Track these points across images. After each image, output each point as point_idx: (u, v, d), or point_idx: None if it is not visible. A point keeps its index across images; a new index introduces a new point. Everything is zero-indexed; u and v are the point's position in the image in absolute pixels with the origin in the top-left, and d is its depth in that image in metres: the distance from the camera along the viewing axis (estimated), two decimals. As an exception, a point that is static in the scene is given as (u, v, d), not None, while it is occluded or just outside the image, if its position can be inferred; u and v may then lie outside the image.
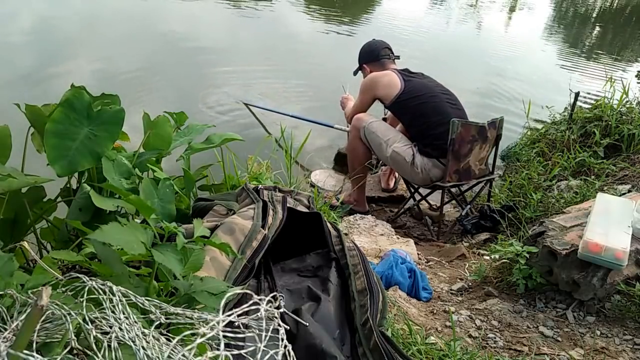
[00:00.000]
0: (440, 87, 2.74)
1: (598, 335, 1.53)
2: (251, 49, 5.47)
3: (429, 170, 2.59)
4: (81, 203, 1.25)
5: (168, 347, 0.63)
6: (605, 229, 1.64)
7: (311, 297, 1.11)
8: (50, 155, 1.17)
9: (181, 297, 0.86)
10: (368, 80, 2.79)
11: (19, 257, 1.18)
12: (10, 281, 0.77)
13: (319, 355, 0.91)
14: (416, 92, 2.64)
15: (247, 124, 3.83)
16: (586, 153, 3.03)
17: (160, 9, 6.44)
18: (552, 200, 2.51)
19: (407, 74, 2.75)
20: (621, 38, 10.12)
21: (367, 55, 2.92)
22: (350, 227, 2.45)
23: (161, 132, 1.51)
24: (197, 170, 1.80)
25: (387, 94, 2.68)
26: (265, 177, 2.15)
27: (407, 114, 2.69)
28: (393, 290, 1.70)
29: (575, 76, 6.04)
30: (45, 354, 0.62)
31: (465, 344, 1.45)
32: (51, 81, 3.95)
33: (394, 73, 2.72)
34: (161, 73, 4.56)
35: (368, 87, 2.77)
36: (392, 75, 2.70)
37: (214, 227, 1.25)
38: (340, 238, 1.30)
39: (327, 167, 3.42)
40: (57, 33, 5.28)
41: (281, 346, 0.72)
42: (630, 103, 3.40)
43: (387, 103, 2.72)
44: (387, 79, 2.70)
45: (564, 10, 13.15)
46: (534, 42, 8.22)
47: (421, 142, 2.62)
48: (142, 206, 1.00)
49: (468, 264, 2.16)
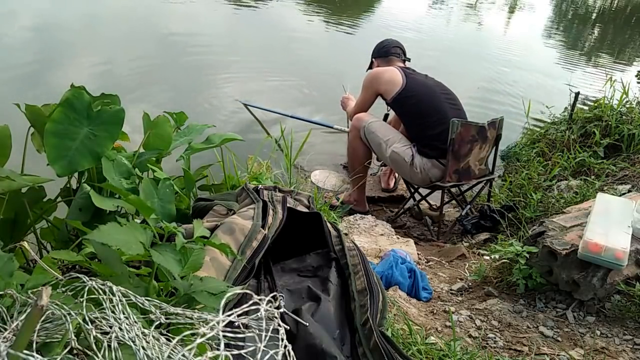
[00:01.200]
0: (441, 87, 2.73)
1: (598, 335, 1.53)
2: (251, 48, 5.47)
3: (428, 170, 2.59)
4: (81, 203, 1.25)
5: (168, 347, 0.63)
6: (605, 229, 1.64)
7: (311, 297, 1.11)
8: (50, 155, 1.17)
9: (181, 297, 0.86)
10: (370, 76, 2.79)
11: (19, 257, 1.17)
12: (10, 281, 0.77)
13: (319, 355, 0.91)
14: (416, 91, 2.64)
15: (247, 124, 3.82)
16: (586, 153, 3.03)
17: (161, 8, 6.43)
18: (552, 200, 2.51)
19: (410, 72, 2.74)
20: (621, 38, 10.12)
21: (377, 50, 2.96)
22: (350, 227, 2.45)
23: (161, 132, 1.51)
24: (197, 170, 1.80)
25: (388, 90, 2.68)
26: (265, 177, 2.15)
27: (406, 113, 2.70)
28: (393, 290, 1.70)
29: (575, 76, 6.04)
30: (45, 354, 0.62)
31: (465, 344, 1.45)
32: (51, 81, 3.95)
33: (397, 69, 2.71)
34: (161, 73, 4.56)
35: (370, 82, 2.77)
36: (393, 72, 2.70)
37: (214, 227, 1.26)
38: (340, 238, 1.30)
39: (326, 167, 3.42)
40: (57, 33, 5.28)
41: (281, 346, 0.72)
42: (630, 103, 3.40)
43: (388, 99, 2.71)
44: (388, 74, 2.70)
45: (564, 10, 13.15)
46: (534, 42, 8.22)
47: (420, 142, 2.62)
48: (142, 206, 1.00)
49: (468, 264, 2.16)
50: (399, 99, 2.65)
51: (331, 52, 5.88)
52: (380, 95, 2.76)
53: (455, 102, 2.71)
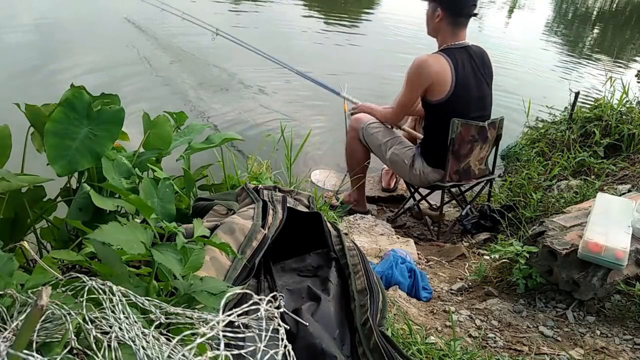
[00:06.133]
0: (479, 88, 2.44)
1: (598, 335, 1.53)
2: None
3: (427, 174, 2.57)
4: (81, 203, 1.25)
5: (168, 347, 0.63)
6: (605, 229, 1.64)
7: (311, 297, 1.11)
8: (50, 155, 1.17)
9: (181, 297, 0.85)
10: (416, 67, 2.36)
11: (19, 256, 1.18)
12: (10, 281, 0.77)
13: (319, 355, 0.91)
14: (462, 96, 2.36)
15: (247, 123, 3.83)
16: (586, 153, 3.03)
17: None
18: (552, 200, 2.51)
19: (457, 62, 2.36)
20: (621, 38, 10.12)
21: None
22: (350, 227, 2.45)
23: (161, 132, 1.51)
24: (197, 170, 1.80)
25: (435, 91, 2.34)
26: (265, 177, 2.15)
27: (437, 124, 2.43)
28: (393, 290, 1.70)
29: (575, 76, 6.04)
30: (45, 354, 0.62)
31: (465, 343, 1.45)
32: (51, 81, 3.95)
33: (445, 60, 2.34)
34: (161, 73, 4.56)
35: (418, 75, 2.36)
36: (443, 64, 2.33)
37: (214, 226, 1.26)
38: (340, 238, 1.30)
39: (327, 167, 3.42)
40: (57, 33, 5.28)
41: (281, 346, 0.72)
42: (630, 103, 3.40)
43: (433, 101, 2.38)
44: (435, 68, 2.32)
45: (564, 10, 13.15)
46: (534, 41, 8.21)
47: (427, 150, 2.54)
48: (142, 206, 1.00)
49: (468, 263, 2.16)
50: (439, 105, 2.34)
51: (332, 52, 5.88)
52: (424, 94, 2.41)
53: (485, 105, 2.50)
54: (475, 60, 2.44)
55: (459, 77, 2.36)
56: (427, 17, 2.48)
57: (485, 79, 2.48)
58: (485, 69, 2.48)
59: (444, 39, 2.44)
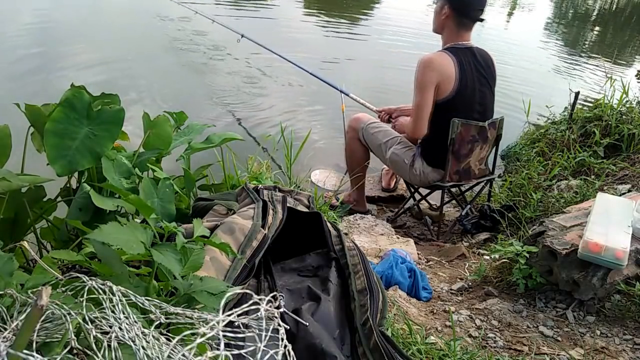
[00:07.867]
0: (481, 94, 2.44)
1: (598, 335, 1.53)
2: (250, 46, 5.46)
3: (427, 174, 2.57)
4: (81, 203, 1.25)
5: (168, 347, 0.63)
6: (605, 229, 1.64)
7: (311, 296, 1.11)
8: (50, 154, 1.17)
9: (181, 297, 0.85)
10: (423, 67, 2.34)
11: (19, 256, 1.18)
12: (10, 281, 0.77)
13: (318, 355, 0.91)
14: (465, 96, 2.36)
15: (247, 123, 3.83)
16: (586, 153, 3.03)
17: (161, 8, 6.43)
18: (552, 200, 2.51)
19: (461, 61, 2.36)
20: (621, 38, 10.12)
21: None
22: (350, 227, 2.45)
23: (161, 132, 1.50)
24: (197, 170, 1.80)
25: (441, 89, 2.35)
26: (265, 177, 2.15)
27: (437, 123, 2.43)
28: (393, 290, 1.70)
29: (575, 76, 6.04)
30: (45, 354, 0.62)
31: (465, 343, 1.45)
32: (51, 81, 3.95)
33: (449, 57, 2.34)
34: (161, 73, 4.56)
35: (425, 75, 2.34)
36: (447, 61, 2.33)
37: (214, 226, 1.26)
38: (340, 238, 1.30)
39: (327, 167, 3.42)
40: (57, 32, 5.28)
41: (281, 346, 0.72)
42: (630, 103, 3.40)
43: (439, 100, 2.39)
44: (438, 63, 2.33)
45: (564, 10, 13.15)
46: (534, 41, 8.22)
47: (428, 150, 2.54)
48: (142, 206, 0.99)
49: (468, 263, 2.16)
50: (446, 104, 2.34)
51: (332, 52, 5.88)
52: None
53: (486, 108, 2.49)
54: (480, 62, 2.44)
55: (463, 76, 2.36)
56: (435, 13, 2.48)
57: (488, 81, 2.48)
58: (488, 72, 2.48)
59: (448, 37, 2.44)
